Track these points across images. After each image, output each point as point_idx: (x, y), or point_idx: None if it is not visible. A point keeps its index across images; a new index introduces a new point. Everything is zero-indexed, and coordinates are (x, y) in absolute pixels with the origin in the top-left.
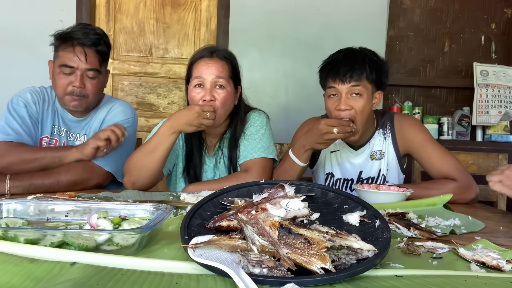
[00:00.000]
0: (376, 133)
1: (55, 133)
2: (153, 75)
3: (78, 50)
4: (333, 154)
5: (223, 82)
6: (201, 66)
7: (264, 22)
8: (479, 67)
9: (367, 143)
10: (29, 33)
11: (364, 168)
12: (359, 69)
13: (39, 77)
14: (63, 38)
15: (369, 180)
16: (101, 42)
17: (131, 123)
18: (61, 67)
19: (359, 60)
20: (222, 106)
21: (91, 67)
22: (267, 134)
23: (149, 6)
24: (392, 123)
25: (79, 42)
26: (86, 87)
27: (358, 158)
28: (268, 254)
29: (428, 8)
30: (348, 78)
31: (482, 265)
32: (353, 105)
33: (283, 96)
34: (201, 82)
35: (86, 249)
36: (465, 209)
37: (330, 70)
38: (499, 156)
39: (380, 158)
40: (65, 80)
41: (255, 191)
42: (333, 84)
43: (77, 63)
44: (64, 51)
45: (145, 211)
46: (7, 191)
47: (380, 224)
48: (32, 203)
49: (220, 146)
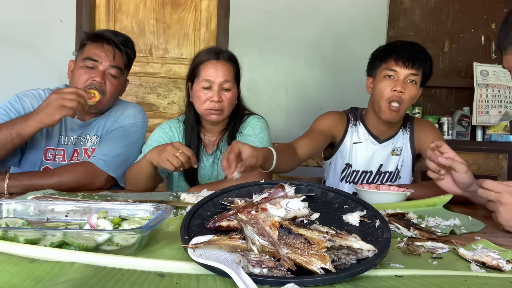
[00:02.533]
0: (400, 131)
1: (61, 143)
2: (153, 75)
3: (107, 47)
4: (355, 145)
5: (229, 85)
6: (209, 68)
7: (264, 22)
8: (479, 67)
9: (392, 138)
10: (29, 33)
11: (385, 162)
12: (421, 59)
13: (39, 77)
14: (94, 36)
15: (387, 174)
16: (129, 45)
17: (140, 127)
18: (85, 60)
19: (422, 52)
20: (228, 107)
21: (116, 64)
22: (266, 138)
23: (149, 6)
24: (412, 124)
25: (109, 40)
26: (105, 84)
27: (381, 152)
28: (268, 254)
29: (428, 8)
30: (411, 63)
31: (482, 265)
32: (406, 90)
33: (283, 96)
34: (209, 84)
35: (86, 249)
36: (465, 209)
37: (394, 52)
38: (499, 156)
39: (399, 154)
40: (86, 75)
41: (255, 191)
42: (395, 66)
43: (102, 58)
44: (91, 46)
45: (145, 211)
46: (5, 191)
47: (380, 224)
48: (32, 203)
49: (219, 145)
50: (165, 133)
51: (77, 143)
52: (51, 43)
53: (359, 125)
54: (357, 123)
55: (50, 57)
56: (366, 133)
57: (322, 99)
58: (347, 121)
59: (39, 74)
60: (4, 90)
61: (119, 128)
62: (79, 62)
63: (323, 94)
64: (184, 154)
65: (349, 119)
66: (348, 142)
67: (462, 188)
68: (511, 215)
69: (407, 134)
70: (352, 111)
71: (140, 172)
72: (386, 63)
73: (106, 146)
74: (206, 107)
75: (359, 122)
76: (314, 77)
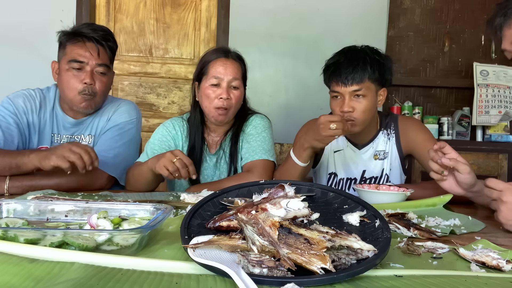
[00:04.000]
0: (380, 134)
1: (54, 142)
2: (153, 75)
3: (89, 45)
4: (336, 153)
5: (238, 83)
6: (218, 66)
7: (264, 22)
8: (479, 67)
9: (371, 142)
10: (29, 33)
11: (367, 167)
12: (361, 71)
13: (39, 77)
14: (72, 34)
15: (372, 180)
16: (109, 38)
17: (135, 124)
18: (71, 62)
19: (361, 61)
20: (235, 105)
21: (102, 62)
22: (269, 138)
23: (149, 6)
24: (397, 124)
25: (89, 37)
26: (95, 84)
27: (362, 157)
28: (268, 254)
29: (428, 8)
30: (350, 80)
31: (482, 265)
32: (355, 107)
33: (283, 96)
34: (218, 82)
35: (86, 249)
36: (465, 209)
37: (332, 73)
38: (499, 156)
39: (384, 158)
40: (76, 79)
41: (255, 191)
42: (336, 87)
43: (87, 58)
44: (73, 46)
45: (145, 211)
46: (6, 191)
47: (380, 224)
48: (32, 203)
49: (222, 145)
50: (168, 132)
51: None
52: (51, 43)
53: None
54: None
55: (50, 57)
56: (345, 140)
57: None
58: None
59: (39, 74)
60: (4, 90)
61: (115, 127)
62: (64, 65)
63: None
64: (181, 161)
65: None
66: (329, 151)
67: (465, 188)
68: (511, 214)
69: (392, 137)
70: None
71: (142, 176)
72: (330, 83)
73: (104, 147)
74: (215, 105)
75: None
76: (314, 77)
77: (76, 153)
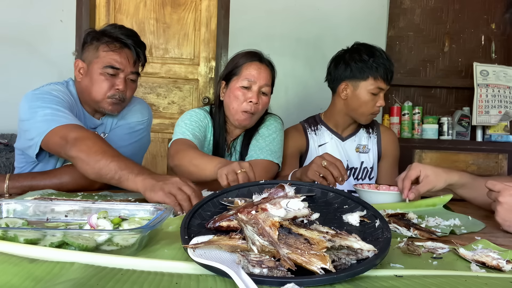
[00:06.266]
0: (361, 130)
1: None
2: (153, 75)
3: (126, 52)
4: (321, 147)
5: (268, 90)
6: (253, 69)
7: (264, 22)
8: (479, 67)
9: (354, 135)
10: (29, 33)
11: (349, 158)
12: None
13: (39, 77)
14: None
15: (352, 170)
16: (142, 44)
17: (146, 125)
18: (106, 68)
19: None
20: (261, 112)
21: (135, 70)
22: (278, 140)
23: (149, 6)
24: (378, 129)
25: (126, 43)
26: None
27: (345, 148)
28: (268, 254)
29: (428, 8)
30: (390, 81)
31: (482, 265)
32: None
33: (283, 96)
34: (250, 85)
35: (86, 249)
36: (465, 209)
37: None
38: (499, 156)
39: (364, 152)
40: (108, 83)
41: (255, 191)
42: (382, 85)
43: (124, 66)
44: (108, 51)
45: (145, 211)
46: (5, 191)
47: (380, 224)
48: (32, 204)
49: (234, 144)
50: (201, 120)
51: None
52: (51, 43)
53: (320, 128)
54: (318, 126)
55: (50, 57)
56: (330, 133)
57: (322, 99)
58: (305, 131)
59: (39, 74)
60: (4, 89)
61: (125, 125)
62: (97, 68)
63: (323, 94)
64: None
65: (305, 128)
66: (313, 148)
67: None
68: (508, 214)
69: (374, 137)
70: (308, 120)
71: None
72: (375, 80)
73: (111, 144)
74: (243, 108)
75: (320, 125)
76: (314, 77)
77: (186, 194)
